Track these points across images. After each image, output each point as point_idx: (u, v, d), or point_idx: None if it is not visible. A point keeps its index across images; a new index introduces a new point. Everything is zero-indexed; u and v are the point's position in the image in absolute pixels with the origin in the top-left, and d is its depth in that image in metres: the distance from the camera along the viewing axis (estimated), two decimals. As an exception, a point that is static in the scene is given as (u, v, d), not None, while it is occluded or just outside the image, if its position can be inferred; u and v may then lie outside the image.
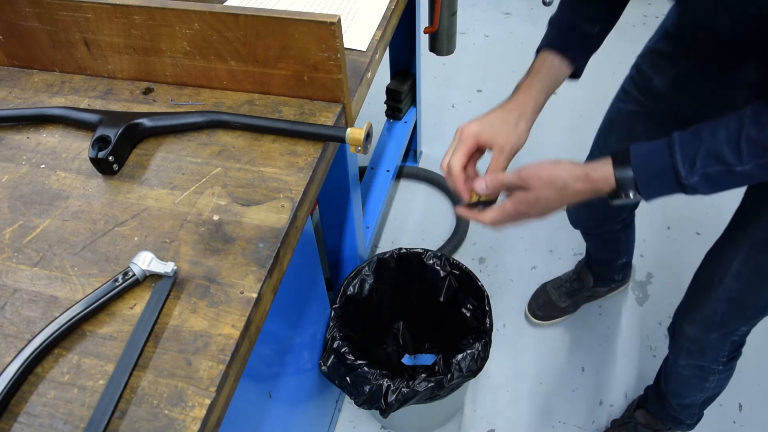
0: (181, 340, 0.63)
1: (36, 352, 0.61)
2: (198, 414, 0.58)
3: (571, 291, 1.58)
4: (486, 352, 1.12)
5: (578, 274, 1.58)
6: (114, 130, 0.79)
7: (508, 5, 2.65)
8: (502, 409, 1.46)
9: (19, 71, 0.98)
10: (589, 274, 1.55)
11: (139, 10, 0.82)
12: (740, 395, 1.44)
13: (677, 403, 1.21)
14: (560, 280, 1.61)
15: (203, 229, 0.73)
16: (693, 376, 1.11)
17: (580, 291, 1.58)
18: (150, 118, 0.83)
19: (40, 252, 0.73)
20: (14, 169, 0.83)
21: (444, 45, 1.43)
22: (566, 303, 1.58)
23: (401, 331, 1.44)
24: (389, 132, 1.77)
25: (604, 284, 1.57)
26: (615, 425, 1.38)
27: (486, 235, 1.81)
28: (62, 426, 0.58)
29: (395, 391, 1.06)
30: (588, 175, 0.70)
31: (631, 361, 1.53)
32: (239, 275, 0.68)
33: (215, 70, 0.88)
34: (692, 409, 1.22)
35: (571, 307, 1.59)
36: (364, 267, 1.26)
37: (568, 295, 1.58)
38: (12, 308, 0.68)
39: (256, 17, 0.78)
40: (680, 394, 1.19)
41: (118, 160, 0.80)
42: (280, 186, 0.77)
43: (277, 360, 0.93)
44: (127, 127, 0.81)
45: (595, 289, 1.58)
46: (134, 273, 0.67)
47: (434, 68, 2.37)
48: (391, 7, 1.05)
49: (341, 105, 0.86)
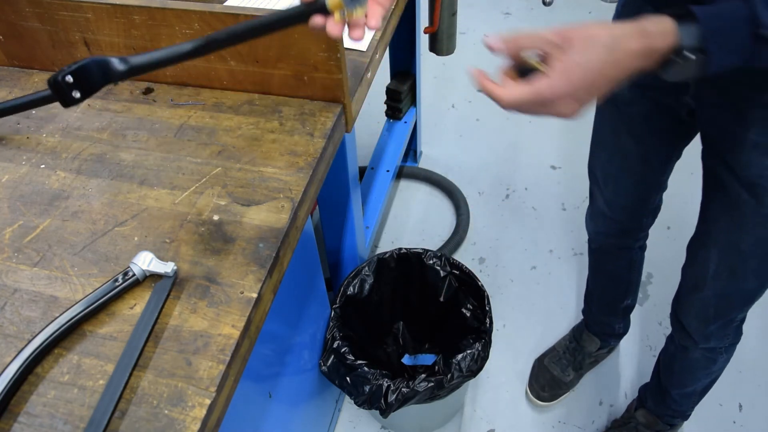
0: (181, 340, 0.63)
1: (36, 352, 0.61)
2: (198, 414, 0.58)
3: (574, 362, 1.46)
4: (486, 352, 1.12)
5: (578, 341, 1.47)
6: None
7: (508, 5, 2.65)
8: (502, 409, 1.46)
9: (19, 71, 0.98)
10: (593, 337, 1.44)
11: (139, 10, 0.82)
12: (740, 395, 1.44)
13: (678, 392, 1.21)
14: (557, 353, 1.49)
15: (203, 229, 0.73)
16: (703, 358, 1.11)
17: (584, 359, 1.46)
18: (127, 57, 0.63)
19: (40, 252, 0.73)
20: (14, 169, 0.83)
21: (444, 45, 1.43)
22: (570, 376, 1.45)
23: (401, 331, 1.44)
24: (389, 132, 1.77)
25: (604, 342, 1.45)
26: (615, 425, 1.38)
27: (486, 235, 1.81)
28: (62, 426, 0.58)
29: (395, 391, 1.06)
30: (644, 30, 0.56)
31: (631, 361, 1.53)
32: (239, 275, 0.68)
33: (215, 70, 0.88)
34: (692, 397, 1.23)
35: (575, 380, 1.47)
36: (364, 267, 1.26)
37: (572, 367, 1.46)
38: (12, 308, 0.68)
39: (256, 17, 0.78)
40: (684, 383, 1.19)
41: (81, 89, 0.62)
42: (280, 186, 0.77)
43: (277, 360, 0.93)
44: (98, 60, 0.62)
45: (599, 353, 1.47)
46: (134, 273, 0.67)
47: (434, 68, 2.37)
48: (391, 7, 1.05)
49: (341, 105, 0.86)
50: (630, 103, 0.94)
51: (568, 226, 1.82)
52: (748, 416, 1.41)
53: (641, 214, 1.15)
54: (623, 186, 1.08)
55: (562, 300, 1.65)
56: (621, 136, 1.01)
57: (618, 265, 1.29)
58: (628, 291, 1.35)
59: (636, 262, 1.29)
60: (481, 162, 2.02)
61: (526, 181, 1.95)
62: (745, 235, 0.87)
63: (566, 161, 2.00)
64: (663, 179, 1.06)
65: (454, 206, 1.88)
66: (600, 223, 1.21)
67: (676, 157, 1.02)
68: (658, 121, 0.93)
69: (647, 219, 1.17)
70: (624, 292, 1.35)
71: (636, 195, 1.09)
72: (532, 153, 2.04)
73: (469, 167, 2.00)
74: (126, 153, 0.84)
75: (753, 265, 0.90)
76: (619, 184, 1.08)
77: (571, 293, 1.67)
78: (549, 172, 1.97)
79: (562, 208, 1.87)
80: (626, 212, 1.14)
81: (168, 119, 0.88)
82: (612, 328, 1.42)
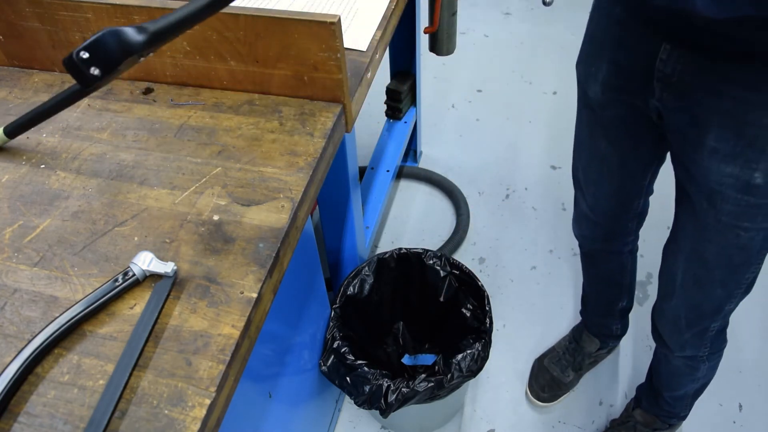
0: (181, 340, 0.63)
1: (36, 352, 0.61)
2: (198, 414, 0.58)
3: (574, 363, 1.46)
4: (486, 352, 1.12)
5: (578, 342, 1.47)
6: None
7: (508, 5, 2.65)
8: (502, 409, 1.46)
9: (19, 71, 0.98)
10: (592, 338, 1.44)
11: (139, 10, 0.82)
12: (740, 395, 1.44)
13: (670, 395, 1.22)
14: (556, 353, 1.49)
15: (203, 229, 0.73)
16: (684, 366, 1.11)
17: (583, 360, 1.46)
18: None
19: (40, 252, 0.73)
20: (14, 169, 0.83)
21: (444, 45, 1.43)
22: (570, 377, 1.45)
23: (401, 331, 1.44)
24: (389, 132, 1.77)
25: (603, 343, 1.45)
26: (614, 425, 1.38)
27: (486, 235, 1.81)
28: (62, 426, 0.58)
29: (395, 391, 1.06)
30: None
31: (631, 361, 1.53)
32: (239, 275, 0.68)
33: (215, 70, 0.88)
34: (685, 400, 1.23)
35: (575, 380, 1.47)
36: (364, 267, 1.26)
37: (572, 368, 1.45)
38: (12, 308, 0.68)
39: (256, 17, 0.79)
40: (672, 387, 1.19)
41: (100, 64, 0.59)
42: (280, 186, 0.77)
43: (277, 360, 0.93)
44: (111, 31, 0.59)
45: (599, 353, 1.46)
46: (134, 273, 0.67)
47: (434, 68, 2.37)
48: (391, 7, 1.05)
49: (341, 105, 0.86)
50: (605, 106, 0.93)
51: (568, 226, 1.82)
52: (748, 416, 1.41)
53: (625, 219, 1.13)
54: (604, 191, 1.07)
55: (562, 300, 1.65)
56: (598, 140, 1.00)
57: (609, 268, 1.28)
58: (622, 293, 1.34)
59: (627, 265, 1.27)
60: (481, 162, 2.02)
61: (526, 181, 1.95)
62: (708, 244, 0.86)
63: (566, 161, 2.00)
64: (644, 184, 1.04)
65: (454, 206, 1.88)
66: (585, 227, 1.21)
67: (657, 162, 1.00)
68: (633, 125, 0.93)
69: (632, 223, 1.15)
70: (618, 294, 1.34)
71: (617, 199, 1.08)
72: (532, 153, 2.04)
73: (469, 167, 2.00)
74: (126, 153, 0.84)
75: (718, 275, 0.89)
76: (600, 188, 1.07)
77: (571, 293, 1.67)
78: (549, 172, 1.97)
79: (562, 208, 1.87)
80: (609, 217, 1.13)
81: (168, 119, 0.88)
82: (610, 329, 1.42)
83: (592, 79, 0.92)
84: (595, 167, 1.05)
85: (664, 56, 0.76)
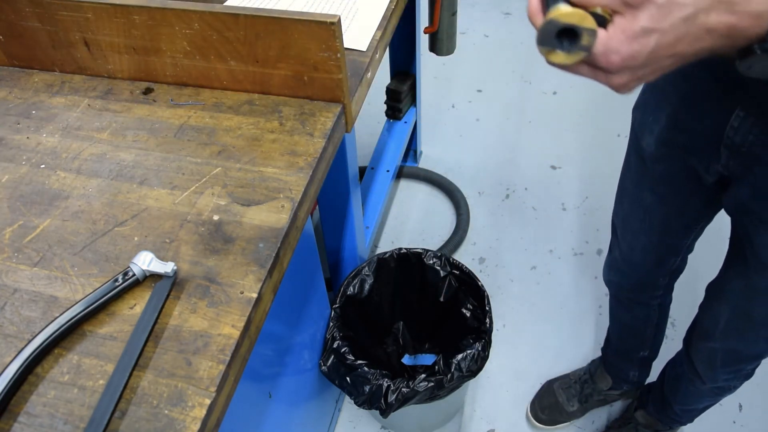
0: (181, 340, 0.63)
1: (36, 352, 0.61)
2: (198, 414, 0.58)
3: (581, 394, 1.41)
4: (486, 352, 1.12)
5: (592, 375, 1.41)
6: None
7: (508, 5, 2.65)
8: (502, 409, 1.46)
9: (19, 71, 0.98)
10: (606, 375, 1.38)
11: (139, 10, 0.82)
12: (740, 395, 1.44)
13: (681, 408, 1.20)
14: (569, 380, 1.44)
15: (203, 229, 0.73)
16: (709, 391, 1.09)
17: (592, 395, 1.41)
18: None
19: (40, 252, 0.73)
20: (14, 169, 0.83)
21: (444, 45, 1.43)
22: (574, 407, 1.41)
23: (401, 331, 1.44)
24: (389, 132, 1.77)
25: (617, 384, 1.38)
26: (614, 425, 1.39)
27: (486, 235, 1.81)
28: (62, 426, 0.58)
29: (395, 391, 1.06)
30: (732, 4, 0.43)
31: (631, 361, 1.53)
32: (239, 275, 0.68)
33: (215, 70, 0.88)
34: (695, 413, 1.22)
35: (578, 413, 1.42)
36: (364, 267, 1.26)
37: (578, 398, 1.41)
38: (12, 308, 0.68)
39: (256, 17, 0.79)
40: (689, 403, 1.17)
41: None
42: (280, 186, 0.77)
43: (277, 360, 0.93)
44: None
45: (609, 392, 1.40)
46: (134, 273, 0.67)
47: (434, 68, 2.37)
48: (391, 7, 1.05)
49: (341, 105, 0.86)
50: (657, 159, 0.87)
51: (568, 226, 1.82)
52: (748, 416, 1.41)
53: (657, 274, 1.08)
54: (641, 243, 1.02)
55: (562, 300, 1.65)
56: (644, 191, 0.94)
57: (633, 316, 1.23)
58: (645, 343, 1.28)
59: (652, 317, 1.21)
60: (481, 162, 2.02)
61: (526, 181, 1.95)
62: (758, 307, 0.84)
63: (566, 161, 2.00)
64: (685, 243, 1.00)
65: (454, 206, 1.88)
66: (614, 274, 1.16)
67: (704, 222, 0.95)
68: (685, 183, 0.87)
69: (663, 279, 1.10)
70: (640, 343, 1.28)
71: (654, 254, 1.03)
72: (532, 153, 2.04)
73: (469, 167, 2.00)
74: (126, 153, 0.84)
75: (763, 333, 0.87)
76: (637, 240, 1.02)
77: (571, 293, 1.67)
78: (549, 172, 1.97)
79: (562, 208, 1.87)
80: (641, 269, 1.08)
81: (168, 119, 0.88)
82: (626, 375, 1.36)
83: (648, 130, 0.86)
84: (636, 217, 0.99)
85: (735, 123, 0.70)
